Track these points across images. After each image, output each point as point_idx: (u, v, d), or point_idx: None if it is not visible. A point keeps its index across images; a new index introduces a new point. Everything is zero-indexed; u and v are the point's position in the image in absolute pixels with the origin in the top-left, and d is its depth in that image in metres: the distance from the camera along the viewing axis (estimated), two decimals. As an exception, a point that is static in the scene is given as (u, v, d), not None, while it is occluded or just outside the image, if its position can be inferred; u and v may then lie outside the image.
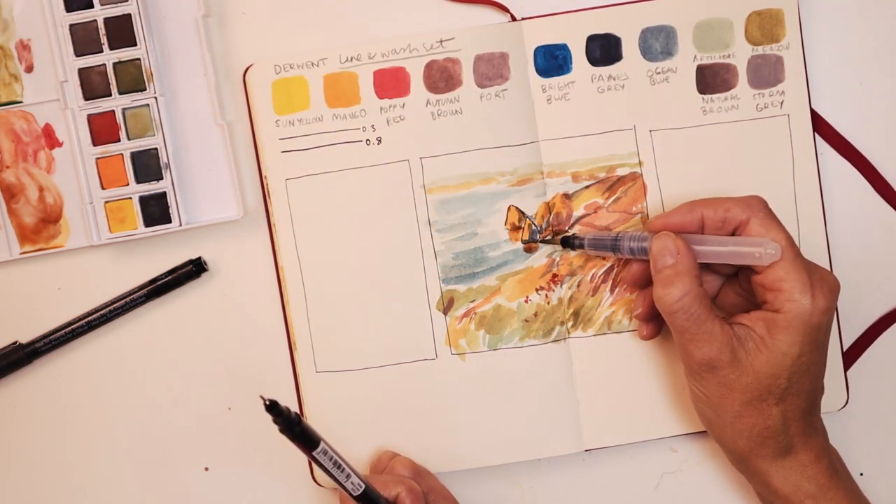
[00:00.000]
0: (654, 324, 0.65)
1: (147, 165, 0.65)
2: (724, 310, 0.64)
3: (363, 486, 0.57)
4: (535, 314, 0.66)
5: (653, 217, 0.62)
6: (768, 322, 0.59)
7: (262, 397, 0.52)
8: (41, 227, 0.66)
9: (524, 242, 0.66)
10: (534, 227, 0.66)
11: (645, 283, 0.64)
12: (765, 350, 0.58)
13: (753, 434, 0.60)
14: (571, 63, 0.65)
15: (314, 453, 0.55)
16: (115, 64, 0.64)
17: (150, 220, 0.65)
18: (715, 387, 0.60)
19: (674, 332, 0.60)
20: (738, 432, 0.60)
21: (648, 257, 0.61)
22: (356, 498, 0.57)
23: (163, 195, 0.65)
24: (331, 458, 0.55)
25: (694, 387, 0.61)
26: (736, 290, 0.63)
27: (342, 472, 0.56)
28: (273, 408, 0.52)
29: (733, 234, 0.60)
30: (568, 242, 0.65)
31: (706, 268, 0.63)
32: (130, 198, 0.65)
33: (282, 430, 0.53)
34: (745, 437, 0.60)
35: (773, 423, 0.59)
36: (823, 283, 0.58)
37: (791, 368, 0.58)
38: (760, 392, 0.59)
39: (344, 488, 0.57)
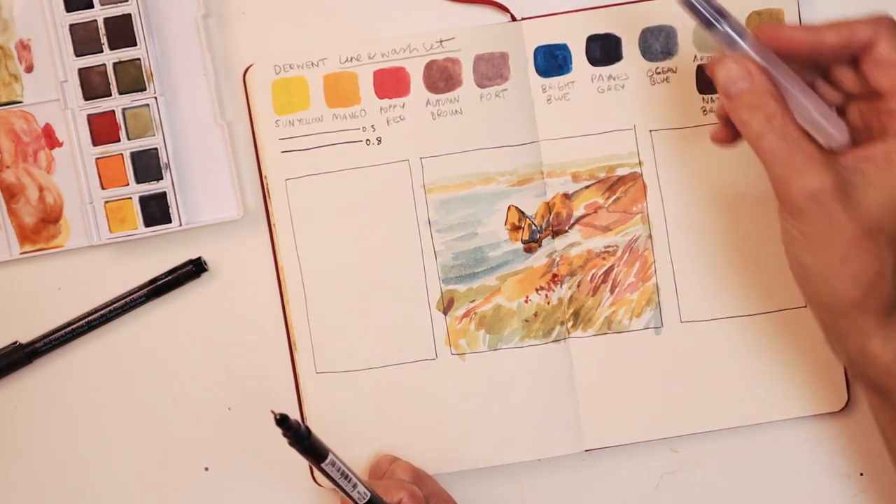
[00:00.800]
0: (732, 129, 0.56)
1: (147, 165, 0.65)
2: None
3: (368, 494, 0.57)
4: (536, 314, 0.66)
5: (763, 24, 0.55)
6: (889, 149, 0.52)
7: (272, 412, 0.52)
8: (41, 227, 0.66)
9: (524, 242, 0.66)
10: (534, 227, 0.66)
11: (734, 141, 0.58)
12: (879, 182, 0.51)
13: (861, 280, 0.52)
14: (571, 63, 0.65)
15: (323, 465, 0.55)
16: (115, 64, 0.64)
17: (150, 220, 0.65)
18: (817, 222, 0.52)
19: (766, 162, 0.52)
20: (843, 278, 0.52)
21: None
22: None
23: (163, 195, 0.65)
24: (338, 469, 0.55)
25: (790, 226, 0.53)
26: (852, 118, 0.56)
27: (349, 482, 0.56)
28: (283, 422, 0.53)
29: (854, 61, 0.54)
30: None
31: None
32: (130, 198, 0.65)
33: (291, 444, 0.54)
34: (852, 284, 0.52)
35: (885, 269, 0.52)
36: None
37: None
38: (871, 228, 0.51)
39: (350, 497, 0.57)
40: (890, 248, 0.52)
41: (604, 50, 0.65)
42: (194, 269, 0.66)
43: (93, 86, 0.65)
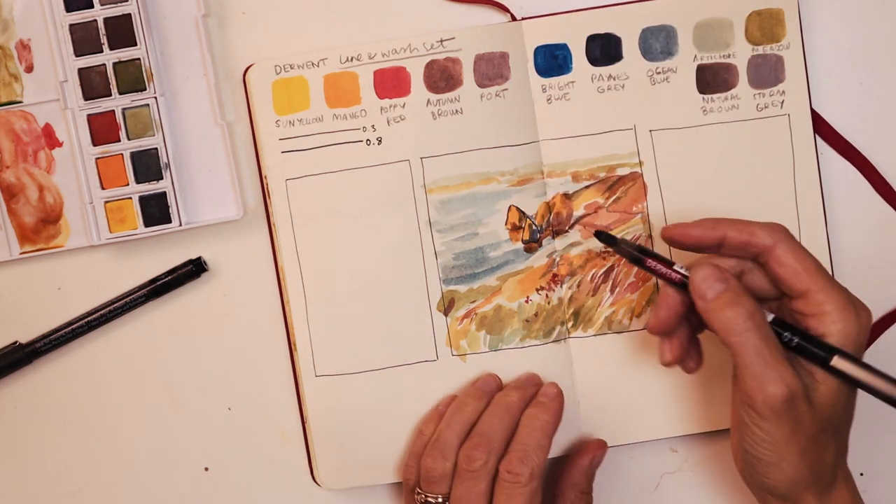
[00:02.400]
0: (680, 345, 0.60)
1: (147, 165, 0.65)
2: None
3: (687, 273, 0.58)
4: (536, 314, 0.66)
5: (671, 224, 0.59)
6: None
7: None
8: (41, 227, 0.66)
9: (524, 242, 0.66)
10: (534, 227, 0.66)
11: (675, 327, 0.59)
12: (821, 378, 0.55)
13: (813, 471, 0.56)
14: (571, 63, 0.65)
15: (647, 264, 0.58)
16: (115, 64, 0.64)
17: (150, 220, 0.65)
18: (786, 423, 0.54)
19: (744, 359, 0.55)
20: (798, 471, 0.55)
21: (678, 281, 0.58)
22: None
23: (163, 195, 0.65)
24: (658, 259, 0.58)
25: (755, 425, 0.55)
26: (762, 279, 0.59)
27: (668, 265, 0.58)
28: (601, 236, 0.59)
29: (755, 259, 0.58)
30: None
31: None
32: (130, 198, 0.65)
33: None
34: (807, 472, 0.56)
35: (830, 457, 0.56)
36: (857, 301, 0.56)
37: (847, 395, 0.56)
38: (823, 424, 0.55)
39: (670, 279, 0.58)
40: (833, 438, 0.56)
41: (604, 50, 0.65)
42: (194, 269, 0.66)
43: (93, 86, 0.64)
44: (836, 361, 0.55)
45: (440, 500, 0.61)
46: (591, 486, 0.65)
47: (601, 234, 0.60)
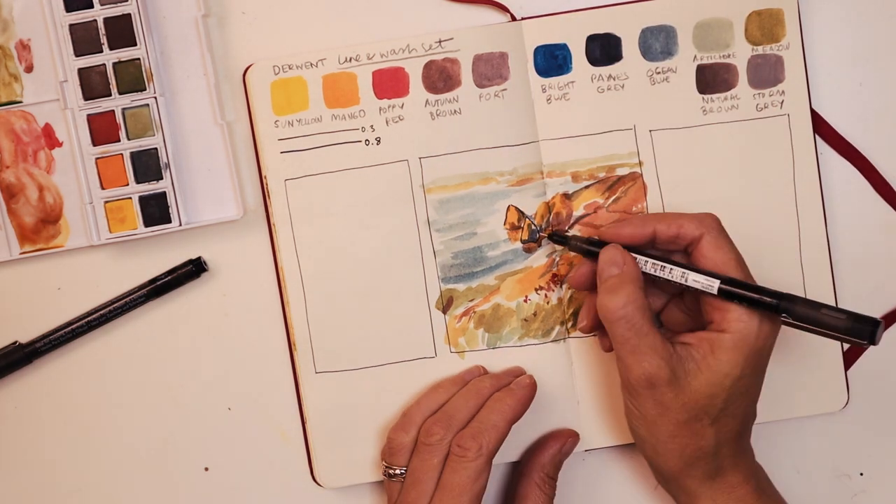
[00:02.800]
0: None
1: (147, 165, 0.65)
2: (670, 328, 0.64)
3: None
4: (535, 314, 0.66)
5: (605, 226, 0.62)
6: (713, 342, 0.58)
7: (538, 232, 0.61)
8: (41, 227, 0.66)
9: (523, 242, 0.66)
10: (533, 227, 0.66)
11: (589, 285, 0.63)
12: (706, 369, 0.58)
13: (686, 454, 0.59)
14: (571, 63, 0.65)
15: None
16: (114, 64, 0.64)
17: (150, 220, 0.65)
18: (651, 404, 0.59)
19: (614, 344, 0.59)
20: (670, 452, 0.60)
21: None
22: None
23: (163, 195, 0.65)
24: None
25: (630, 403, 0.60)
26: (682, 308, 0.63)
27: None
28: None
29: (685, 250, 0.60)
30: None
31: (652, 284, 0.62)
32: (130, 198, 0.65)
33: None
34: (677, 457, 0.60)
35: (706, 444, 0.59)
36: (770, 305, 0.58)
37: (730, 390, 0.58)
38: (697, 412, 0.58)
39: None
40: (712, 428, 0.59)
41: (604, 50, 0.65)
42: (194, 269, 0.66)
43: (93, 86, 0.65)
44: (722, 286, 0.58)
45: (398, 471, 0.62)
46: (557, 473, 0.66)
47: (554, 236, 0.64)
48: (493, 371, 0.66)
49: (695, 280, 0.58)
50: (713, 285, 0.58)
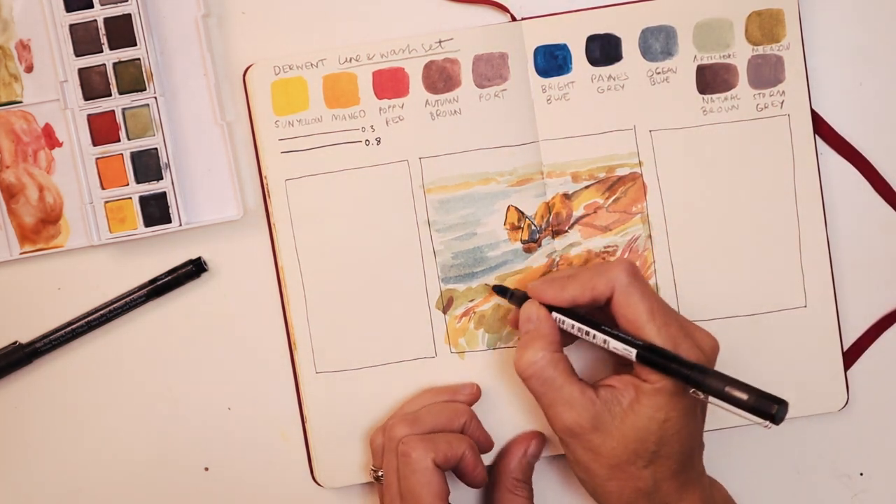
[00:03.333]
0: None
1: (147, 165, 0.65)
2: (613, 367, 0.65)
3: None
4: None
5: (535, 282, 0.62)
6: (637, 387, 0.58)
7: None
8: (41, 227, 0.66)
9: (523, 242, 0.66)
10: (533, 227, 0.66)
11: None
12: (631, 414, 0.58)
13: (624, 496, 0.59)
14: (571, 63, 0.65)
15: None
16: (115, 64, 0.64)
17: (150, 220, 0.65)
18: (581, 451, 0.59)
19: (535, 399, 0.60)
20: (610, 493, 0.60)
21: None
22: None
23: (163, 195, 0.65)
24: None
25: (564, 450, 0.61)
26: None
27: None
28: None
29: (607, 304, 0.60)
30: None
31: None
32: (130, 198, 0.65)
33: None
34: (616, 499, 0.60)
35: (644, 486, 0.59)
36: (692, 349, 0.58)
37: (658, 433, 0.57)
38: (628, 455, 0.58)
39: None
40: (647, 470, 0.58)
41: (604, 50, 0.65)
42: (194, 269, 0.66)
43: (93, 86, 0.65)
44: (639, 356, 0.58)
45: (379, 473, 0.63)
46: (529, 475, 0.66)
47: (496, 288, 0.66)
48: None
49: (615, 347, 0.59)
50: (631, 353, 0.58)
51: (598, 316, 0.61)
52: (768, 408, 0.53)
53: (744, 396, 0.54)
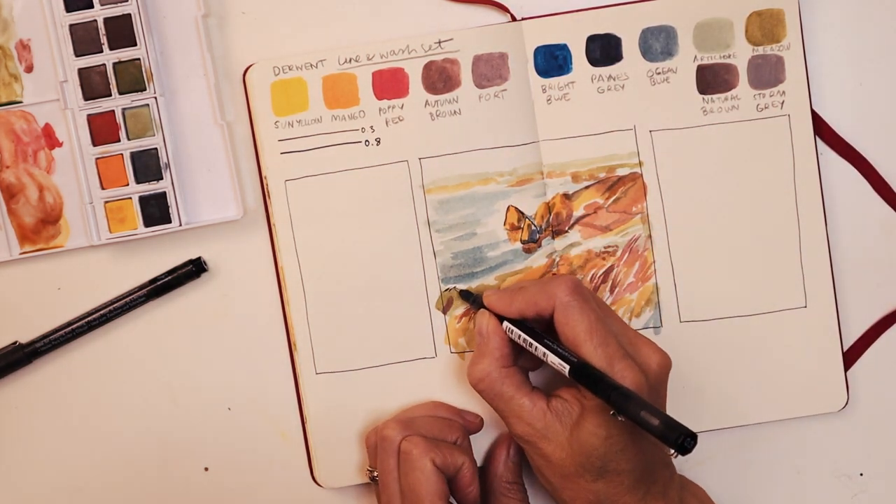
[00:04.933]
0: None
1: (147, 165, 0.65)
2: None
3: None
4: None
5: (489, 292, 0.63)
6: (581, 402, 0.59)
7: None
8: (41, 227, 0.66)
9: (523, 243, 0.66)
10: (533, 228, 0.66)
11: None
12: (576, 429, 0.58)
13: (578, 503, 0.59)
14: (571, 63, 0.65)
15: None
16: (115, 64, 0.64)
17: (150, 220, 0.65)
18: (536, 457, 0.60)
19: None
20: (564, 501, 0.60)
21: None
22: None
23: (163, 195, 0.65)
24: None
25: (525, 451, 0.62)
26: None
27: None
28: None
29: (551, 318, 0.60)
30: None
31: None
32: (130, 198, 0.65)
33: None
34: None
35: (595, 498, 0.59)
36: (628, 368, 0.57)
37: (601, 449, 0.57)
38: (575, 468, 0.58)
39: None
40: (598, 483, 0.58)
41: (604, 50, 0.65)
42: (194, 269, 0.66)
43: (93, 86, 0.65)
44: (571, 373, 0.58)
45: (375, 473, 0.63)
46: (519, 475, 0.65)
47: (462, 293, 0.66)
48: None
49: (552, 361, 0.59)
50: (565, 369, 0.58)
51: (552, 332, 0.61)
52: (676, 437, 0.53)
53: (654, 422, 0.54)
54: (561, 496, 0.60)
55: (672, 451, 0.53)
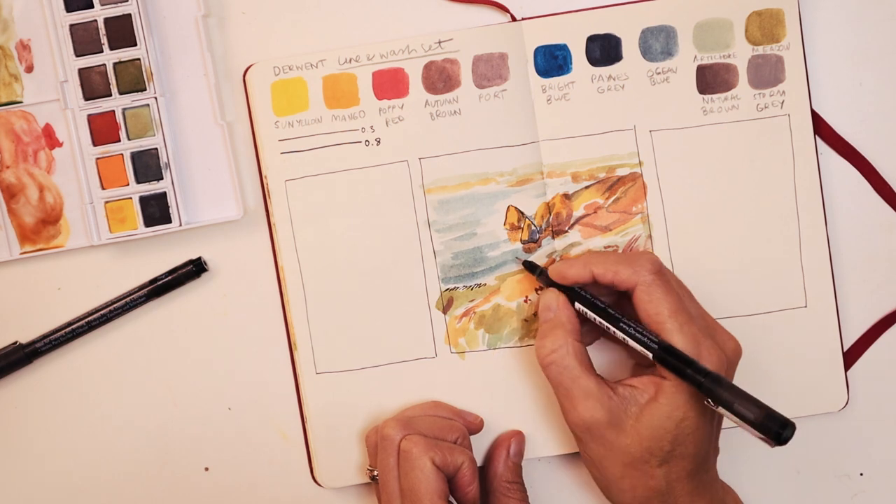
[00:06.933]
0: None
1: (147, 165, 0.65)
2: (632, 369, 0.65)
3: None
4: (535, 314, 0.66)
5: (554, 265, 0.62)
6: (657, 385, 0.58)
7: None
8: (41, 227, 0.66)
9: (523, 243, 0.66)
10: (533, 228, 0.66)
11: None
12: (647, 413, 0.58)
13: (637, 494, 0.59)
14: (571, 63, 0.65)
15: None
16: (115, 64, 0.64)
17: (150, 220, 0.65)
18: (594, 446, 0.59)
19: (553, 389, 0.60)
20: (623, 491, 0.60)
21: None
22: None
23: (163, 195, 0.65)
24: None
25: (579, 444, 0.61)
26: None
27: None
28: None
29: (630, 295, 0.60)
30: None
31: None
32: (130, 198, 0.65)
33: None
34: (630, 497, 0.59)
35: (657, 485, 0.58)
36: (713, 349, 0.58)
37: (674, 432, 0.57)
38: (642, 454, 0.58)
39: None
40: (661, 469, 0.58)
41: (604, 50, 0.65)
42: (194, 269, 0.66)
43: (93, 86, 0.65)
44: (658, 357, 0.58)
45: (375, 472, 0.63)
46: (519, 475, 0.65)
47: (526, 263, 0.65)
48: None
49: (634, 345, 0.59)
50: (648, 354, 0.58)
51: (622, 305, 0.61)
52: (776, 427, 0.53)
53: (752, 414, 0.54)
54: (618, 486, 0.59)
55: (770, 440, 0.53)
